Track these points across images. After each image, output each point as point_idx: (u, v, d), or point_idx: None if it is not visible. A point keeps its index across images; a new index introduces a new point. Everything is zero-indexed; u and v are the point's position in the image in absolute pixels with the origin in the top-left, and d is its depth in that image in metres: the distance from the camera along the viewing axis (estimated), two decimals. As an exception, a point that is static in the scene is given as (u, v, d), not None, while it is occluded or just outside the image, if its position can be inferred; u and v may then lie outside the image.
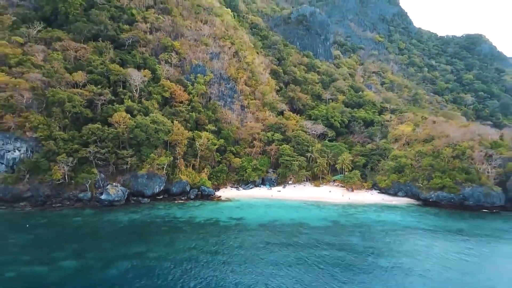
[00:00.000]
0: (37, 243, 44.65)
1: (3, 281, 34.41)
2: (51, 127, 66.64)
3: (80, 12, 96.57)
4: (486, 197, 65.50)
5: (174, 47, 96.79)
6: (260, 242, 45.70)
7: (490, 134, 79.18)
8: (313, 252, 42.39)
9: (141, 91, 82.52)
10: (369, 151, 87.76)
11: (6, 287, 33.41)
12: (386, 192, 75.18)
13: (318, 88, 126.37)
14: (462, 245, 46.67)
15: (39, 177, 64.25)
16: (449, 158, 71.86)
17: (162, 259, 39.86)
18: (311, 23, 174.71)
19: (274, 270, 37.10)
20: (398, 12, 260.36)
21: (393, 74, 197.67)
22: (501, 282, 36.53)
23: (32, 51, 79.55)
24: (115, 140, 68.74)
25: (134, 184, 68.09)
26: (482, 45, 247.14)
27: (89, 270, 37.24)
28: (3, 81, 67.35)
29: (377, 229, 52.66)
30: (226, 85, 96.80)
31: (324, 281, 34.88)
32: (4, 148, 64.62)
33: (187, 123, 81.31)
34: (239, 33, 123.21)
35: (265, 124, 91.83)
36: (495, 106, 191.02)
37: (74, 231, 49.78)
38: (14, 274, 35.84)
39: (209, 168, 77.50)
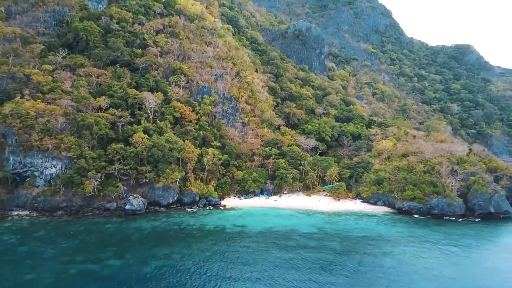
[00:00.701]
0: (83, 246, 56.62)
1: (69, 276, 46.35)
2: (81, 147, 78.54)
3: (98, 39, 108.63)
4: (449, 207, 77.84)
5: (183, 70, 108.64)
6: (259, 246, 57.74)
7: (458, 151, 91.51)
8: (300, 254, 54.49)
9: (155, 112, 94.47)
10: (354, 164, 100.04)
11: (73, 280, 45.31)
12: (367, 201, 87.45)
13: (312, 103, 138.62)
14: (418, 247, 58.87)
15: (73, 190, 76.23)
16: (421, 173, 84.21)
17: (184, 259, 51.88)
18: (307, 38, 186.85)
19: (270, 268, 49.13)
20: (391, 23, 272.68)
21: (384, 85, 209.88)
22: (442, 273, 48.48)
23: (60, 78, 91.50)
24: (136, 158, 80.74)
25: (152, 195, 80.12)
26: (469, 55, 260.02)
27: (130, 267, 49.23)
28: (41, 108, 79.26)
29: (354, 235, 64.86)
30: (229, 104, 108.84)
31: (306, 274, 46.95)
32: (43, 165, 76.56)
33: (196, 140, 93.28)
34: (240, 53, 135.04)
35: (263, 140, 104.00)
36: (479, 115, 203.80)
37: (109, 236, 61.76)
38: (75, 271, 47.82)
39: (215, 180, 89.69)
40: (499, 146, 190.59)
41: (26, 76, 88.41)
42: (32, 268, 47.90)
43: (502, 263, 53.92)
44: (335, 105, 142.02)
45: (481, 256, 56.65)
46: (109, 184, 77.51)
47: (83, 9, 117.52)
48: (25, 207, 73.86)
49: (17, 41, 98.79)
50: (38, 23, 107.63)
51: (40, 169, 76.52)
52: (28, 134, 76.49)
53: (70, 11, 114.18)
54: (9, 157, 75.48)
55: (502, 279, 48.15)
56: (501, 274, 49.77)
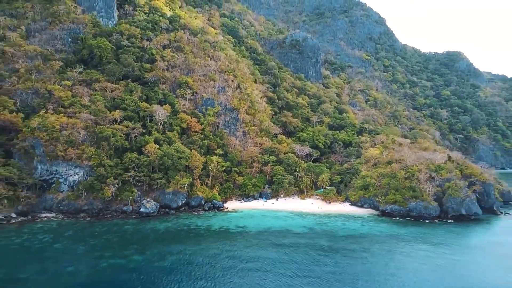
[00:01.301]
0: (109, 244, 66.56)
1: (101, 268, 56.24)
2: (100, 157, 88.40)
3: (111, 55, 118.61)
4: (426, 209, 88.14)
5: (188, 83, 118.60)
6: (259, 244, 67.78)
7: (437, 159, 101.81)
8: (294, 251, 64.58)
9: (164, 123, 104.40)
10: (344, 170, 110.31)
11: (105, 272, 55.20)
12: (355, 204, 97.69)
13: (307, 111, 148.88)
14: (393, 244, 69.08)
15: (93, 194, 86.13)
16: (402, 179, 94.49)
17: (195, 255, 61.83)
18: (304, 47, 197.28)
19: (268, 261, 59.15)
20: (385, 31, 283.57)
21: (377, 91, 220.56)
22: (408, 266, 58.50)
23: (79, 93, 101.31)
24: (148, 166, 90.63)
25: (162, 199, 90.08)
26: (460, 62, 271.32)
27: (150, 261, 59.16)
28: (64, 122, 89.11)
29: (340, 234, 75.05)
30: (231, 115, 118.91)
31: (298, 266, 57.03)
32: (67, 173, 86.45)
33: (201, 149, 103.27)
34: (240, 66, 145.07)
35: (262, 148, 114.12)
36: (467, 121, 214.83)
37: (129, 236, 71.72)
38: (106, 264, 57.75)
39: (219, 185, 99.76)
40: (485, 150, 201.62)
41: (48, 92, 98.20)
42: (70, 262, 57.83)
43: (463, 257, 64.01)
44: (329, 113, 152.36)
45: (446, 252, 66.65)
46: (125, 189, 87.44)
47: (95, 26, 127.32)
48: (51, 210, 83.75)
49: (38, 58, 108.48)
50: (56, 40, 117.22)
51: (65, 176, 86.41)
52: (54, 145, 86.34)
53: (84, 28, 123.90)
54: (37, 165, 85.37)
55: (461, 270, 58.18)
56: (461, 266, 59.81)
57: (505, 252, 67.31)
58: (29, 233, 71.24)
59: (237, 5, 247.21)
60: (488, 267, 59.57)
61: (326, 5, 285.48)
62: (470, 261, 62.44)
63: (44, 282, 51.00)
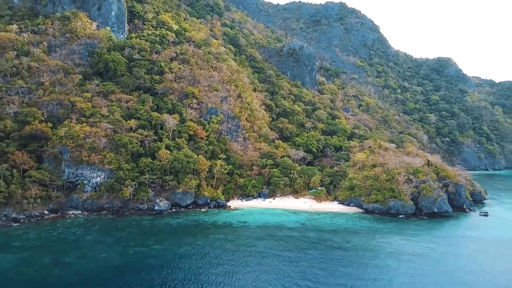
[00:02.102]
0: (132, 236, 79.30)
1: (129, 255, 68.83)
2: (119, 161, 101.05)
3: (124, 68, 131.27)
4: (403, 207, 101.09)
5: (194, 94, 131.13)
6: (257, 236, 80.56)
7: (415, 163, 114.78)
8: (284, 241, 77.43)
9: (174, 131, 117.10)
10: (334, 172, 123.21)
11: (133, 258, 67.82)
12: (342, 203, 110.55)
13: (302, 117, 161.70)
14: (371, 237, 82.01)
15: (113, 194, 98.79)
16: (384, 181, 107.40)
17: (205, 245, 74.55)
18: (300, 56, 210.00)
19: (265, 249, 71.94)
20: (378, 37, 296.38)
21: (369, 97, 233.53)
22: (379, 254, 71.20)
23: (98, 104, 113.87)
24: (161, 169, 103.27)
25: (173, 198, 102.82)
26: (449, 68, 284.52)
27: (168, 250, 71.85)
28: (87, 131, 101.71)
29: (327, 228, 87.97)
30: (232, 122, 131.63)
31: (290, 253, 69.89)
32: (90, 175, 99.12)
33: (206, 154, 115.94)
34: (240, 76, 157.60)
35: (260, 153, 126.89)
36: (454, 125, 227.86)
37: (148, 229, 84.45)
38: (132, 252, 70.44)
39: (222, 186, 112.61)
40: (470, 152, 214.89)
41: (71, 103, 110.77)
42: (103, 250, 70.55)
43: (428, 244, 76.70)
44: (322, 119, 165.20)
45: (414, 241, 79.39)
46: (141, 190, 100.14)
47: (109, 40, 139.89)
48: (77, 207, 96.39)
49: (60, 72, 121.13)
50: (74, 54, 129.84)
51: (88, 178, 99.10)
52: (79, 151, 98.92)
53: (99, 43, 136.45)
54: (65, 169, 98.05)
55: (421, 254, 70.92)
56: (423, 251, 72.50)
57: (463, 243, 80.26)
58: (62, 227, 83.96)
59: (237, 13, 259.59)
60: (445, 253, 72.40)
61: (323, 12, 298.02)
62: (432, 248, 75.04)
63: (85, 264, 63.63)
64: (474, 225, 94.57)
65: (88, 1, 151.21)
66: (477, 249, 75.82)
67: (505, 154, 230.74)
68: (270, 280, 58.07)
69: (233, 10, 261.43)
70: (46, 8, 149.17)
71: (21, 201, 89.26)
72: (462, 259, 70.42)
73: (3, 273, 59.02)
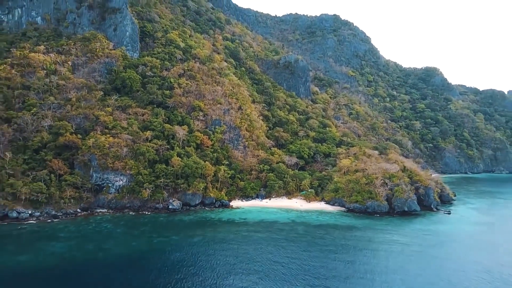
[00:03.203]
0: (153, 229, 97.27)
1: (154, 243, 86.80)
2: (138, 167, 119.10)
3: (138, 84, 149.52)
4: (378, 207, 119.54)
5: (200, 107, 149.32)
6: (255, 229, 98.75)
7: (391, 169, 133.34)
8: (276, 235, 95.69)
9: (183, 140, 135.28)
10: (322, 176, 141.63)
11: (158, 245, 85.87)
12: (328, 203, 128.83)
13: (296, 126, 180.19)
14: (348, 230, 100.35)
15: (134, 195, 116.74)
16: (363, 184, 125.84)
17: (213, 236, 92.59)
18: (295, 68, 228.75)
19: (261, 240, 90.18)
20: (369, 48, 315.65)
21: (360, 105, 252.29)
22: (354, 245, 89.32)
23: (118, 117, 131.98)
24: (173, 174, 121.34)
25: (184, 198, 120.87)
26: (436, 77, 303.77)
27: (184, 240, 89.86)
28: (111, 141, 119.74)
29: (313, 224, 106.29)
30: (234, 132, 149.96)
31: (281, 243, 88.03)
32: (114, 179, 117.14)
33: (211, 160, 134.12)
34: (241, 90, 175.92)
35: (258, 159, 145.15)
36: (437, 131, 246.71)
37: (165, 224, 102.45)
38: (156, 241, 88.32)
39: (225, 188, 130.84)
40: (451, 157, 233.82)
41: (95, 117, 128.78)
42: (132, 240, 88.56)
43: (393, 237, 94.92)
44: (314, 127, 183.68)
45: (383, 234, 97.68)
46: (157, 191, 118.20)
47: (124, 59, 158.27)
48: (103, 206, 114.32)
49: (84, 88, 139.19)
50: (95, 72, 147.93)
51: (113, 182, 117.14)
52: (105, 159, 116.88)
53: (116, 62, 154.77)
54: (93, 174, 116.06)
55: (387, 242, 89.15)
56: (389, 241, 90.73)
57: (422, 235, 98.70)
58: (95, 223, 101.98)
59: (237, 26, 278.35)
60: (408, 243, 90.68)
61: (317, 24, 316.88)
62: (395, 239, 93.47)
63: (121, 250, 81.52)
64: (435, 221, 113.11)
65: (105, 22, 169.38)
66: (430, 239, 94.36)
67: (484, 159, 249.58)
68: (263, 258, 76.28)
69: (233, 23, 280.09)
70: (67, 29, 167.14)
71: (58, 201, 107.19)
72: (417, 247, 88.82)
73: (61, 255, 76.97)
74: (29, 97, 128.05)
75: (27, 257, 75.32)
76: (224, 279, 66.21)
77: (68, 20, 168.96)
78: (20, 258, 74.72)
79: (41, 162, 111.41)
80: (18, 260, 73.82)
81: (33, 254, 77.33)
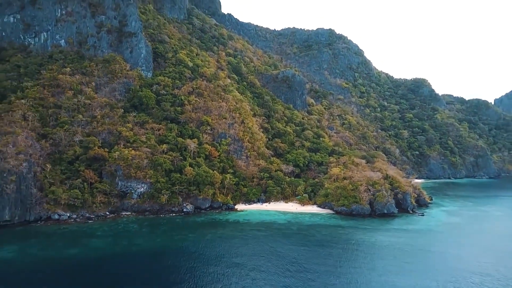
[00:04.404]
0: (172, 229, 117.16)
1: (174, 240, 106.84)
2: (157, 176, 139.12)
3: (153, 102, 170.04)
4: (362, 210, 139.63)
5: (208, 122, 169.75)
6: (257, 228, 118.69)
7: (374, 177, 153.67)
8: (275, 233, 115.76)
9: (194, 152, 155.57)
10: (315, 183, 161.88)
11: (177, 242, 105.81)
12: (319, 206, 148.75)
13: (292, 137, 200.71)
14: (334, 229, 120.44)
15: (153, 200, 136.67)
16: (349, 190, 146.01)
17: (222, 234, 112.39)
18: (292, 82, 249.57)
19: (261, 237, 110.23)
20: (362, 61, 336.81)
21: (352, 115, 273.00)
22: (337, 240, 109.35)
23: (138, 132, 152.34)
24: (187, 182, 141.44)
25: (196, 203, 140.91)
26: (424, 88, 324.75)
27: (199, 237, 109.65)
28: (133, 154, 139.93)
29: (305, 224, 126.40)
30: (237, 144, 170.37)
31: (278, 238, 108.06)
32: (136, 187, 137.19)
33: (218, 169, 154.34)
34: (243, 105, 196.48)
35: (259, 168, 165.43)
36: (423, 140, 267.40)
37: (181, 225, 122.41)
38: (176, 238, 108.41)
39: (231, 194, 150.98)
40: (435, 164, 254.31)
41: (118, 132, 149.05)
42: (157, 237, 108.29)
43: (369, 233, 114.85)
44: (309, 138, 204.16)
45: (362, 232, 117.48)
46: (173, 197, 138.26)
47: (140, 78, 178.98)
48: (128, 210, 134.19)
49: (107, 107, 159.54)
50: (115, 92, 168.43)
51: (135, 189, 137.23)
52: (128, 169, 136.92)
53: (133, 81, 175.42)
54: (118, 182, 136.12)
55: (366, 238, 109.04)
56: (368, 237, 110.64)
57: (395, 233, 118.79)
58: (122, 224, 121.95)
59: (239, 41, 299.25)
60: (382, 239, 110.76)
61: (314, 38, 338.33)
62: (373, 236, 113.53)
63: (149, 245, 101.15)
64: (409, 222, 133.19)
65: (122, 45, 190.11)
66: (400, 235, 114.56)
67: (466, 165, 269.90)
68: (263, 249, 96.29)
69: (235, 38, 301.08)
70: (89, 51, 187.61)
71: (91, 205, 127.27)
72: (388, 241, 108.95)
73: (103, 249, 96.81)
74: (61, 115, 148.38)
75: (76, 251, 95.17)
76: (234, 261, 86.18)
77: (89, 43, 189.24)
78: (71, 251, 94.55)
79: (75, 172, 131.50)
80: (69, 253, 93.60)
81: (80, 248, 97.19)
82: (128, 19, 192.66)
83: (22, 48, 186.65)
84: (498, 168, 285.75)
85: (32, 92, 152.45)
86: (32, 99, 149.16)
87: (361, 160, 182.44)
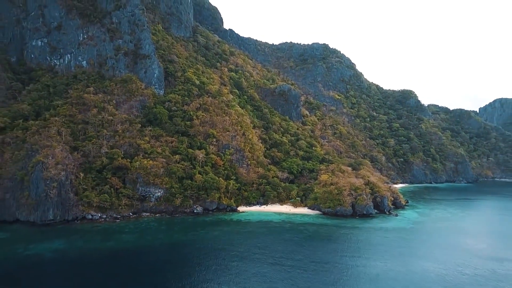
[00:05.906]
0: (186, 227, 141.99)
1: (189, 236, 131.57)
2: (171, 182, 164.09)
3: (166, 117, 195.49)
4: (345, 211, 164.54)
5: (214, 135, 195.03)
6: (256, 226, 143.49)
7: (356, 183, 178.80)
8: (271, 229, 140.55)
9: (202, 161, 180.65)
10: (306, 188, 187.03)
11: (191, 237, 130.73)
12: (310, 208, 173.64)
13: (288, 147, 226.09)
14: (320, 226, 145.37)
15: (168, 203, 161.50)
16: (335, 194, 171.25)
17: (228, 231, 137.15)
18: (288, 96, 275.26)
19: (260, 234, 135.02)
20: (354, 73, 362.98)
21: (343, 125, 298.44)
22: (320, 237, 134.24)
23: (154, 145, 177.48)
24: (197, 187, 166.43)
25: (204, 205, 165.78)
26: (410, 99, 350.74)
27: (208, 233, 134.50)
28: (151, 164, 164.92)
29: (296, 223, 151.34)
30: (239, 154, 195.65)
31: (274, 235, 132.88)
32: (154, 191, 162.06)
33: (223, 176, 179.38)
34: (244, 118, 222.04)
35: (258, 175, 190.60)
36: (407, 148, 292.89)
37: (193, 223, 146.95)
38: (190, 234, 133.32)
39: (234, 197, 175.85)
40: (418, 170, 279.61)
41: (137, 145, 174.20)
42: (176, 233, 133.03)
43: (349, 231, 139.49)
44: (302, 147, 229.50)
45: (344, 230, 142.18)
46: (185, 200, 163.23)
47: (154, 96, 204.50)
48: (147, 211, 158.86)
49: (126, 122, 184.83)
50: (133, 108, 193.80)
51: (153, 193, 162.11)
52: (147, 177, 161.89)
53: (148, 99, 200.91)
54: (139, 188, 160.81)
55: (346, 233, 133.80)
56: (348, 232, 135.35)
57: (371, 230, 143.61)
58: (144, 223, 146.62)
59: (240, 56, 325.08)
60: (359, 234, 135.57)
61: (309, 52, 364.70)
62: (351, 232, 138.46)
63: (169, 239, 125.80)
64: (384, 221, 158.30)
65: (137, 66, 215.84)
66: (374, 231, 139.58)
67: (446, 171, 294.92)
68: (261, 242, 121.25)
69: (236, 53, 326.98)
70: (108, 72, 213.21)
71: (117, 207, 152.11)
72: (363, 236, 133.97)
73: (133, 242, 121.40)
74: (88, 130, 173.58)
75: (112, 243, 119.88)
76: (237, 251, 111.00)
77: (108, 64, 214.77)
78: (108, 244, 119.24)
79: (103, 179, 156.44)
80: (107, 245, 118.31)
81: (114, 241, 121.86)
82: (143, 43, 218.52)
83: (49, 68, 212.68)
84: (477, 173, 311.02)
85: (63, 109, 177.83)
86: (63, 116, 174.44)
87: (347, 167, 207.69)
